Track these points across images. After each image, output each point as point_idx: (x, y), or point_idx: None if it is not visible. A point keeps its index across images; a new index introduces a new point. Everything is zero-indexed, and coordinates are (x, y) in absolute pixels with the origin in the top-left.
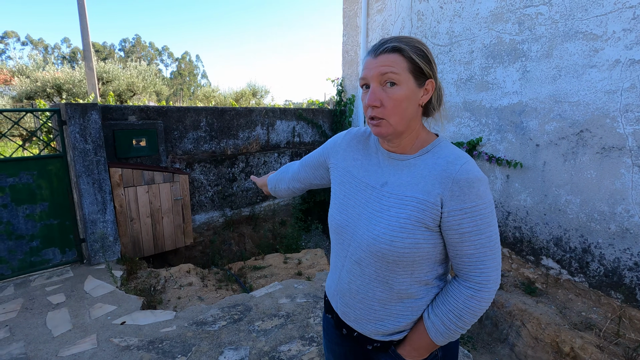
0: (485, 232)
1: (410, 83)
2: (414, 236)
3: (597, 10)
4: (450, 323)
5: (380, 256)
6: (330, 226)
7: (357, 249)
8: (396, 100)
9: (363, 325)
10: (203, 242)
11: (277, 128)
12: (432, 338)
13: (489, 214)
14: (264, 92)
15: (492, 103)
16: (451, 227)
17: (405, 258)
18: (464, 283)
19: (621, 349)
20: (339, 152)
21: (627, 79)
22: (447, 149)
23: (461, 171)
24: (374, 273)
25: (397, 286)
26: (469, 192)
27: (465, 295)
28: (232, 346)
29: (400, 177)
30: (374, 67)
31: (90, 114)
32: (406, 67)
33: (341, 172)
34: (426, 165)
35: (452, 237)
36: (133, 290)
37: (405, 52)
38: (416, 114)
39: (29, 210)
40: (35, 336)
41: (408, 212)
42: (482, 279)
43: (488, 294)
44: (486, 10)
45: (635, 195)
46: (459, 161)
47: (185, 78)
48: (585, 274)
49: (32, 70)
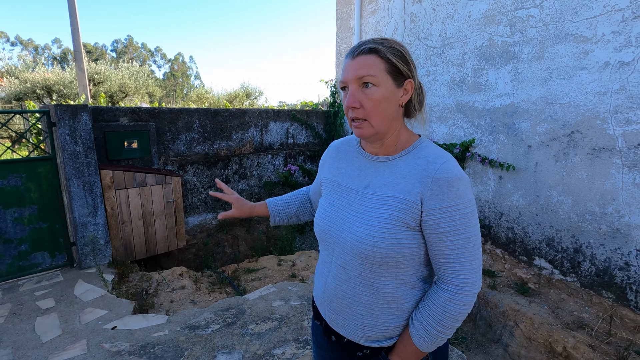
0: (464, 233)
1: (388, 84)
2: (396, 236)
3: (586, 13)
4: (431, 328)
5: (363, 257)
6: (315, 233)
7: (342, 253)
8: (375, 101)
9: (351, 331)
10: (196, 245)
11: (270, 129)
12: (416, 344)
13: (468, 214)
14: (257, 93)
15: (485, 104)
16: (430, 226)
17: (388, 258)
18: (442, 285)
19: (613, 348)
20: (326, 167)
21: (616, 81)
22: (427, 149)
23: (440, 170)
24: (359, 277)
25: (382, 289)
26: (448, 191)
27: (444, 299)
28: (226, 350)
29: (381, 178)
30: (351, 69)
31: (80, 116)
32: (383, 67)
33: (328, 184)
34: (407, 165)
35: (430, 236)
36: (124, 294)
37: (382, 53)
38: (397, 115)
39: (17, 213)
40: (24, 342)
41: (389, 212)
42: (460, 281)
43: (466, 297)
44: (478, 13)
45: (625, 196)
46: (438, 160)
47: (179, 79)
48: (577, 273)
49: (21, 71)
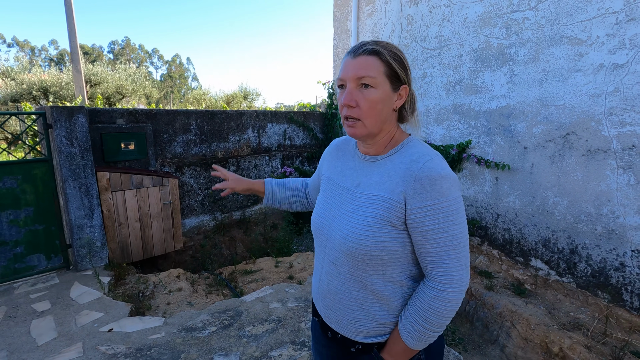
0: (449, 231)
1: (385, 86)
2: (380, 234)
3: (581, 16)
4: (418, 325)
5: (350, 254)
6: (311, 229)
7: (332, 249)
8: (372, 102)
9: (343, 326)
10: (193, 247)
11: (268, 131)
12: (405, 341)
13: (453, 212)
14: (255, 95)
15: (481, 106)
16: (414, 224)
17: (372, 256)
18: (428, 283)
19: (608, 348)
20: (325, 165)
21: (611, 83)
22: (414, 148)
23: (423, 168)
24: (349, 272)
25: (371, 286)
26: (431, 189)
27: (429, 296)
28: (222, 352)
29: (371, 177)
30: (351, 67)
31: (77, 117)
32: (383, 70)
33: (325, 182)
34: (393, 165)
35: (415, 234)
36: (121, 297)
37: (383, 56)
38: (390, 118)
39: (12, 215)
40: (19, 345)
41: (374, 210)
42: (445, 279)
43: (452, 294)
44: (474, 15)
45: (620, 197)
46: (422, 159)
47: (176, 81)
48: (573, 274)
49: (17, 73)
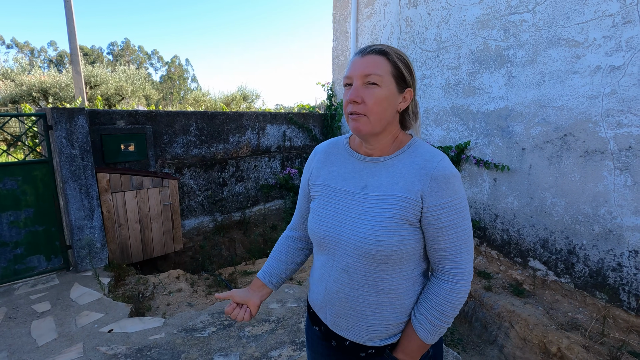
0: (461, 226)
1: (391, 86)
2: (400, 233)
3: (578, 18)
4: (435, 319)
5: (369, 257)
6: (312, 239)
7: (344, 256)
8: (377, 99)
9: (356, 332)
10: (193, 248)
11: (267, 132)
12: (421, 337)
13: (463, 208)
14: (254, 96)
15: (479, 108)
16: (430, 221)
17: (393, 256)
18: (442, 277)
19: (606, 349)
20: (314, 173)
21: (607, 85)
22: (422, 148)
23: (438, 168)
24: (363, 278)
25: (387, 287)
26: (446, 187)
27: (445, 290)
28: (222, 352)
29: (379, 178)
30: (359, 66)
31: (77, 119)
32: (389, 70)
33: (319, 188)
34: (404, 165)
35: (430, 231)
36: (121, 297)
37: (391, 57)
38: (393, 118)
39: (13, 216)
40: (19, 346)
41: (391, 210)
42: (458, 272)
43: (465, 286)
44: (472, 17)
45: (617, 198)
46: (435, 159)
47: (175, 82)
48: (571, 275)
49: (17, 74)
